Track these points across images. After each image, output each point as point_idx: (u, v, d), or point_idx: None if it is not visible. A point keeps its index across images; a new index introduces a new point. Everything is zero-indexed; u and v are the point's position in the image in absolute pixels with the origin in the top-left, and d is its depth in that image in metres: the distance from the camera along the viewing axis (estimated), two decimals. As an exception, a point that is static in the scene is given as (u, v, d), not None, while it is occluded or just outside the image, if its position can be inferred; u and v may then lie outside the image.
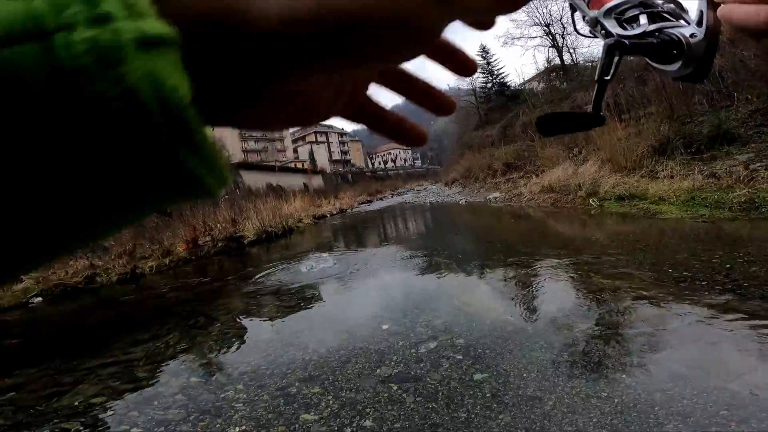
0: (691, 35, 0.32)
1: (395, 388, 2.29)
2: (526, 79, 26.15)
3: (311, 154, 61.83)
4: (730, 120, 7.69)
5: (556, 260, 4.45)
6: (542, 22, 24.13)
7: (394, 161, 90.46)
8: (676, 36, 0.33)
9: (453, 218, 12.32)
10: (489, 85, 33.58)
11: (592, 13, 0.38)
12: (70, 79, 0.11)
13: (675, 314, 2.63)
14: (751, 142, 6.99)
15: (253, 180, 27.74)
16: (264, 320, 3.89)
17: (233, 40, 0.14)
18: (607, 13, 0.37)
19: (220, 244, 11.76)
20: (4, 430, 2.27)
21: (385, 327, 3.24)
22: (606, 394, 1.90)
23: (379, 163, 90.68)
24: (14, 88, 0.10)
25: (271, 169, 35.18)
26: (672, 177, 7.20)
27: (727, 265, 3.41)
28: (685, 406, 1.72)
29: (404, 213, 17.02)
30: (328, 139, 73.69)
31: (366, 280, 4.82)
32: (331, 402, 2.23)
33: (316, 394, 2.33)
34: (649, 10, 0.36)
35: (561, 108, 16.66)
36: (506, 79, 33.68)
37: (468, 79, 35.10)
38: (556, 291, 3.46)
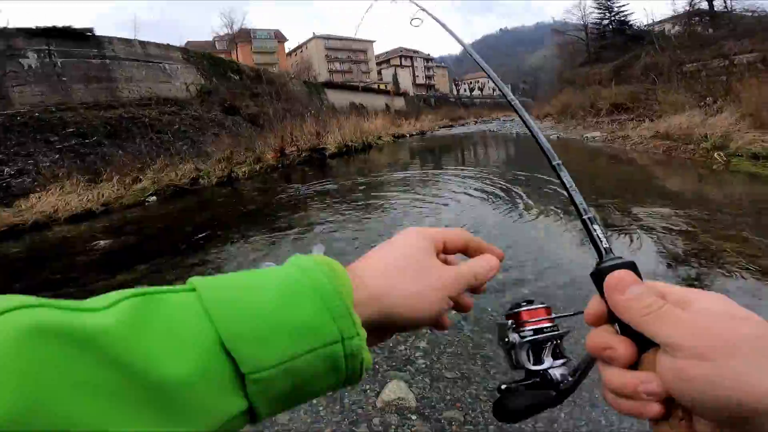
0: (564, 380, 0.35)
1: (453, 313, 2.35)
2: (655, 20, 22.23)
3: (395, 76, 59.75)
4: None
5: (658, 209, 4.00)
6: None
7: (481, 90, 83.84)
8: (554, 380, 0.35)
9: (541, 152, 11.44)
10: (605, 21, 29.64)
11: (512, 337, 0.37)
12: (348, 359, 0.27)
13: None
14: None
15: (337, 98, 28.19)
16: (340, 228, 4.14)
17: (385, 325, 0.32)
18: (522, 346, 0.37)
19: (304, 155, 12.45)
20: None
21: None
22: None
23: (465, 90, 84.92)
24: (332, 363, 0.27)
25: (354, 88, 35.15)
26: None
27: None
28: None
29: (486, 141, 16.20)
30: (413, 63, 69.94)
31: (441, 210, 4.80)
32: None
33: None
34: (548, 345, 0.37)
35: (702, 54, 13.98)
36: (629, 18, 29.33)
37: (579, 14, 31.45)
38: (650, 243, 3.14)
